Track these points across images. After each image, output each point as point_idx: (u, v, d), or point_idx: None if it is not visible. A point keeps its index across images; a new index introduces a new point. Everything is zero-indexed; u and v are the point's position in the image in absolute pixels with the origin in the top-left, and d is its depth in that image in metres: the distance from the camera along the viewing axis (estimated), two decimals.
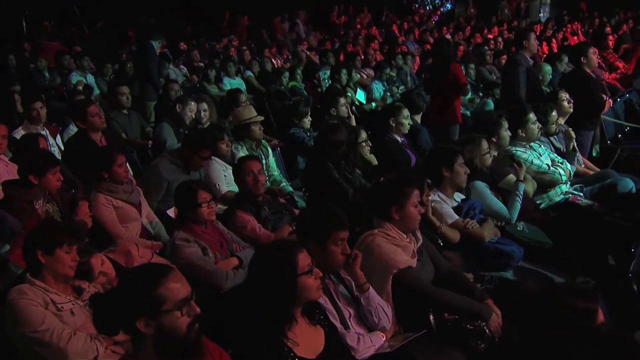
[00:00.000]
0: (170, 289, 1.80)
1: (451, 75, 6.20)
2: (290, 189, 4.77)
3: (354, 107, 7.42)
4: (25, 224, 3.03)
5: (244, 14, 15.61)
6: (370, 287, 2.55)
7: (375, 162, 4.50)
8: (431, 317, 2.60)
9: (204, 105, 5.77)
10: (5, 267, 3.02)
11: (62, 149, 5.54)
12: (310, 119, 5.68)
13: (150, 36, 7.53)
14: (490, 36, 13.47)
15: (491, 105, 7.57)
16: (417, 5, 20.32)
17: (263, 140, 5.10)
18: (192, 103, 5.78)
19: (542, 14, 19.79)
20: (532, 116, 4.25)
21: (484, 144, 3.78)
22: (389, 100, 8.34)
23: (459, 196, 3.54)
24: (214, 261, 3.14)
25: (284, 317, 2.05)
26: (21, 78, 9.09)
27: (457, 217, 3.33)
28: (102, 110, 5.62)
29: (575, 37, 13.94)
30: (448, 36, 13.44)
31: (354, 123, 5.95)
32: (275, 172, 5.11)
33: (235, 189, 4.63)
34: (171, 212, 4.26)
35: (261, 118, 5.01)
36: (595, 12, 17.10)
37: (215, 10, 16.46)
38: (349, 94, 7.96)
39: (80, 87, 6.76)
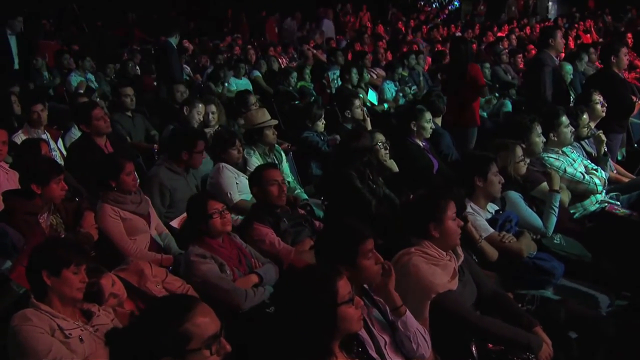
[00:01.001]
0: (198, 325, 1.61)
1: (469, 75, 6.02)
2: (305, 196, 4.57)
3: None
4: (29, 239, 2.84)
5: (245, 12, 15.44)
6: (407, 310, 2.35)
7: (395, 168, 4.30)
8: (473, 347, 2.40)
9: (212, 108, 5.58)
10: (6, 287, 2.83)
11: (64, 153, 5.37)
12: (324, 121, 5.49)
13: (168, 33, 7.28)
14: (501, 34, 13.28)
15: (509, 106, 7.38)
16: (422, 3, 20.11)
17: (276, 145, 4.91)
18: (200, 105, 5.59)
19: (550, 12, 19.61)
20: (564, 119, 4.06)
21: (519, 151, 3.58)
22: (402, 101, 8.16)
23: (492, 207, 3.35)
24: (232, 278, 2.95)
25: (321, 352, 1.85)
26: (19, 78, 8.90)
27: (492, 230, 3.13)
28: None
29: (588, 35, 13.74)
30: (458, 34, 13.28)
31: (369, 126, 5.75)
32: (290, 178, 4.91)
33: (248, 197, 4.46)
34: (175, 223, 4.08)
35: (275, 122, 4.81)
36: (606, 9, 16.88)
37: (217, 8, 16.29)
38: (361, 95, 7.77)
39: (82, 90, 6.55)
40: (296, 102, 7.64)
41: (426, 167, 4.45)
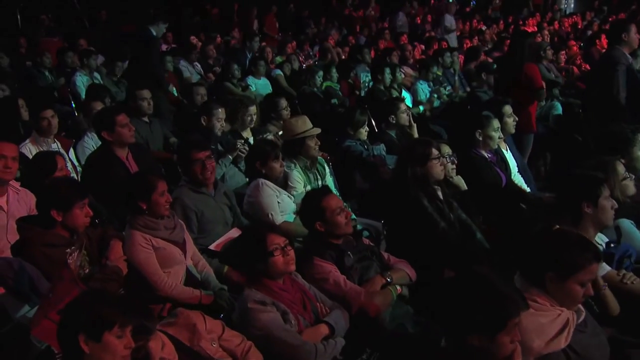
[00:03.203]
0: None
1: (524, 75, 5.59)
2: (354, 216, 4.14)
3: None
4: (55, 285, 2.40)
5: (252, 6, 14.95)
6: None
7: (463, 185, 3.85)
8: None
9: (254, 109, 5.13)
10: (25, 342, 2.40)
11: (76, 166, 4.94)
12: (368, 129, 5.05)
13: (150, 21, 6.53)
14: (530, 29, 12.82)
15: (559, 108, 6.94)
16: None
17: (319, 157, 4.47)
18: (220, 110, 5.15)
19: (565, 5, 19.15)
20: None
21: (620, 168, 3.15)
22: (436, 103, 7.72)
23: (600, 238, 2.90)
24: (298, 329, 2.51)
25: None
26: (18, 78, 8.45)
27: (608, 268, 2.69)
28: None
29: None
30: (483, 28, 12.82)
31: (416, 133, 5.33)
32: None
33: (291, 218, 4.03)
34: (214, 246, 3.66)
35: (318, 130, 4.37)
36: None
37: (223, 1, 15.82)
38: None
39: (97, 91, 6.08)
40: (335, 104, 7.13)
41: (494, 183, 4.01)
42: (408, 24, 15.36)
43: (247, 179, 4.83)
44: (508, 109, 4.44)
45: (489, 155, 4.15)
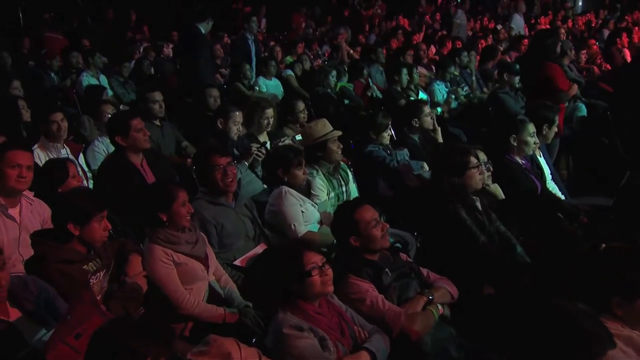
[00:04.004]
0: None
1: (543, 75, 5.41)
2: None
3: None
4: (73, 308, 2.23)
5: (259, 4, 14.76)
6: None
7: (501, 194, 3.67)
8: None
9: (271, 112, 4.97)
10: None
11: (85, 170, 4.77)
12: (391, 133, 4.87)
13: (197, 18, 6.37)
14: (543, 27, 12.62)
15: (584, 110, 6.77)
16: None
17: (342, 163, 4.30)
18: (237, 113, 4.98)
19: (572, 3, 18.92)
20: None
21: None
22: (454, 105, 7.54)
23: None
24: (336, 357, 2.34)
25: None
26: (21, 78, 8.28)
27: None
28: None
29: None
30: (499, 27, 12.62)
31: (440, 137, 5.16)
32: None
33: (315, 227, 3.87)
34: (239, 262, 3.49)
35: (339, 133, 4.21)
36: None
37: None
38: (412, 98, 7.16)
39: (105, 95, 5.93)
40: (350, 105, 6.94)
41: (530, 191, 3.83)
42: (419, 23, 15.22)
43: (265, 186, 4.70)
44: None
45: (523, 162, 3.97)
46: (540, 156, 4.22)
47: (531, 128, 3.90)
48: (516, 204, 3.64)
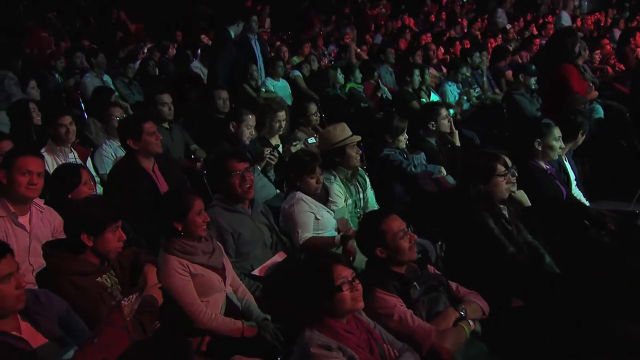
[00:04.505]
0: None
1: (558, 75, 5.30)
2: None
3: None
4: (101, 330, 2.11)
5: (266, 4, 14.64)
6: None
7: (527, 201, 3.55)
8: None
9: (283, 114, 4.86)
10: None
11: (93, 174, 4.66)
12: (407, 136, 4.76)
13: (229, 20, 6.47)
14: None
15: (600, 112, 6.64)
16: None
17: (360, 169, 4.19)
18: (250, 117, 4.86)
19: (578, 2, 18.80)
20: None
21: None
22: (466, 106, 7.43)
23: None
24: None
25: None
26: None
27: None
28: None
29: None
30: (508, 26, 12.50)
31: (457, 141, 5.04)
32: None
33: (333, 235, 3.76)
34: (258, 272, 3.39)
35: (358, 138, 4.10)
36: None
37: None
38: (423, 100, 7.06)
39: (115, 97, 5.82)
40: (372, 112, 6.83)
41: (555, 197, 3.72)
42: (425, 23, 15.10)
43: (278, 191, 4.60)
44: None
45: (548, 167, 3.85)
46: (566, 160, 4.11)
47: (557, 132, 3.78)
48: (541, 211, 3.53)
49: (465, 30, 13.07)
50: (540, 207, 3.56)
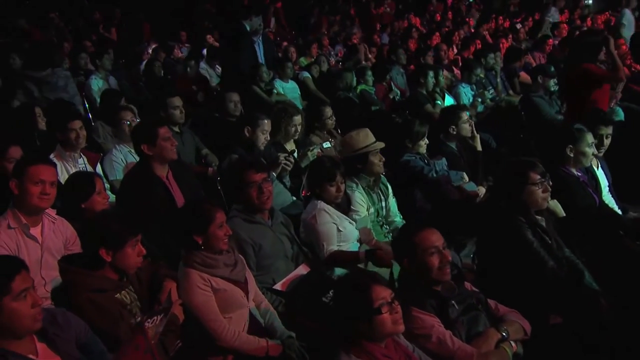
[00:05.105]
0: None
1: (576, 78, 5.20)
2: None
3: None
4: (126, 351, 1.99)
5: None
6: None
7: (561, 211, 3.41)
8: None
9: (299, 119, 4.71)
10: None
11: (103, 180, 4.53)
12: (427, 141, 4.63)
13: (242, 15, 6.34)
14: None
15: (621, 114, 6.50)
16: None
17: (382, 176, 4.05)
18: (266, 121, 4.71)
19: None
20: None
21: None
22: (480, 108, 7.28)
23: None
24: None
25: None
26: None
27: None
28: None
29: None
30: (518, 26, 12.35)
31: (479, 145, 4.91)
32: (397, 218, 4.08)
33: (355, 247, 3.63)
34: (280, 286, 3.25)
35: (382, 144, 3.97)
36: None
37: None
38: (438, 102, 6.92)
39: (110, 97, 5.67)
40: (384, 114, 6.69)
41: (588, 206, 3.58)
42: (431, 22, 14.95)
43: (294, 198, 4.47)
44: None
45: (579, 174, 3.72)
46: (598, 167, 3.97)
47: (589, 138, 3.65)
48: (575, 221, 3.39)
49: (473, 30, 12.93)
50: (574, 217, 3.43)
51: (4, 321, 2.07)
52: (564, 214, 3.39)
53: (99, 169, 4.64)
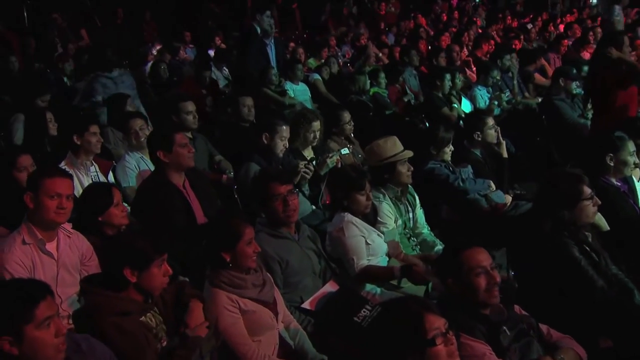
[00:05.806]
0: None
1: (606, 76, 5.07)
2: None
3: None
4: None
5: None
6: None
7: (605, 226, 3.26)
8: None
9: (318, 125, 4.58)
10: None
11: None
12: (452, 148, 4.47)
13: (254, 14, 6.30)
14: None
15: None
16: None
17: (410, 186, 3.89)
18: (285, 128, 4.54)
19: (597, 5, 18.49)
20: None
21: None
22: (497, 111, 7.11)
23: None
24: None
25: None
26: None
27: None
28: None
29: None
30: (529, 26, 12.20)
31: (505, 152, 4.75)
32: (425, 230, 3.93)
33: (384, 261, 3.48)
34: (308, 305, 3.10)
35: (410, 154, 3.81)
36: None
37: None
38: (454, 105, 6.76)
39: (130, 103, 5.48)
40: (398, 118, 6.55)
41: (631, 218, 3.42)
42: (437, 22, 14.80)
43: (313, 207, 4.31)
44: None
45: (619, 184, 3.57)
46: (639, 179, 3.81)
47: (631, 146, 3.50)
48: (618, 235, 3.24)
49: (481, 31, 12.77)
50: (616, 231, 3.27)
51: (25, 351, 1.93)
52: (608, 228, 3.23)
53: (111, 177, 4.49)
